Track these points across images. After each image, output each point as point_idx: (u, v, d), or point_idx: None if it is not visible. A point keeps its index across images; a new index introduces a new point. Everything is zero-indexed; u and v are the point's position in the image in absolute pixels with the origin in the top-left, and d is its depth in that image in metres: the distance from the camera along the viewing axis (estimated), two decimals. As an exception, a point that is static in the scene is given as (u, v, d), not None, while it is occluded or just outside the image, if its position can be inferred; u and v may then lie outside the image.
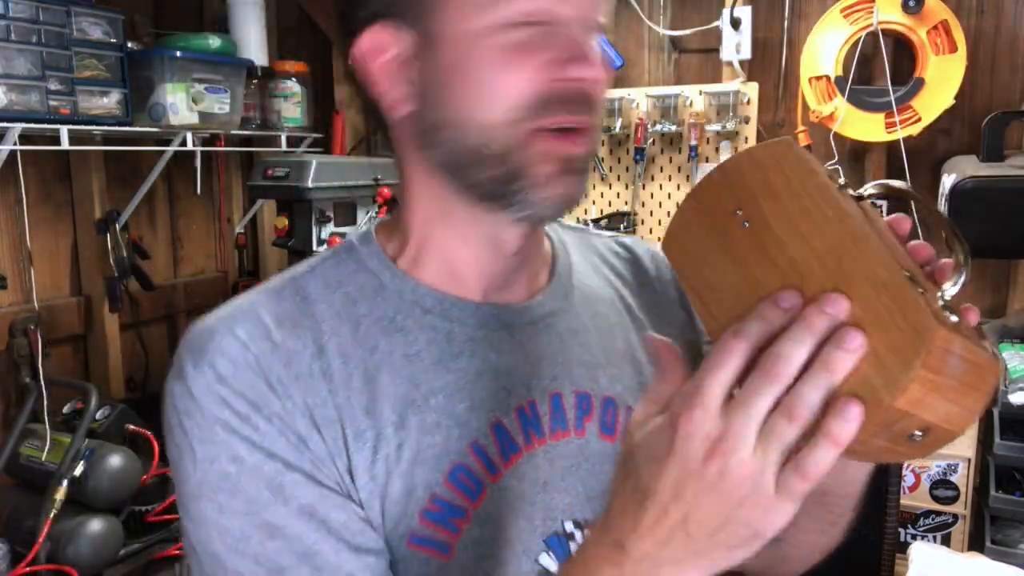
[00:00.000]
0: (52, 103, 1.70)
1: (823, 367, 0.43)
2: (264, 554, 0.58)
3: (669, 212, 2.24)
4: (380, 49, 0.60)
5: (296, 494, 0.58)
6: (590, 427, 0.68)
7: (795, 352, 0.43)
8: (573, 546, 0.65)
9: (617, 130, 2.23)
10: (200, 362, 0.59)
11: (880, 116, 1.93)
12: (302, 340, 0.61)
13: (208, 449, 0.58)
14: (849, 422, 0.42)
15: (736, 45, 2.10)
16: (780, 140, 0.50)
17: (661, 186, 2.25)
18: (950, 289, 0.46)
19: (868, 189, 0.51)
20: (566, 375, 0.68)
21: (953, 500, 1.85)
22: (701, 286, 0.51)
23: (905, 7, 1.87)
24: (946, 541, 1.86)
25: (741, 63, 2.12)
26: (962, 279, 0.46)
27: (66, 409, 1.88)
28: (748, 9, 2.09)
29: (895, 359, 0.42)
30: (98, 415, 1.81)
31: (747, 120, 2.13)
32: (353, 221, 2.17)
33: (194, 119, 2.00)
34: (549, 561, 0.64)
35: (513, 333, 0.66)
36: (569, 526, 0.66)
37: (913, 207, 0.64)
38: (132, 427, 1.84)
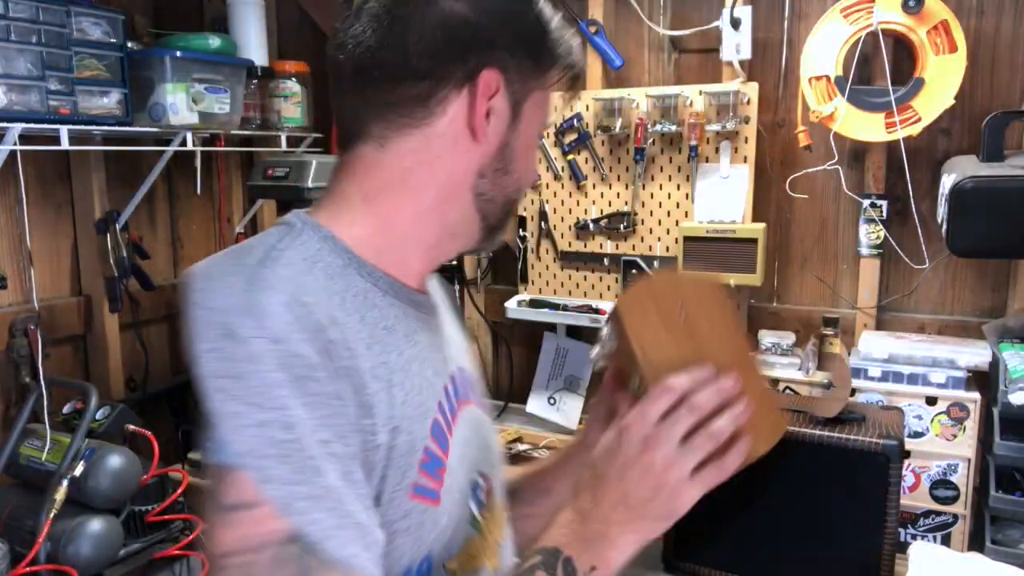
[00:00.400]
0: (52, 103, 1.70)
1: (730, 414, 0.72)
2: (303, 528, 0.58)
3: (669, 212, 2.24)
4: (491, 89, 0.72)
5: (337, 465, 0.60)
6: (472, 396, 0.86)
7: (709, 401, 0.72)
8: (480, 492, 0.82)
9: (617, 130, 2.23)
10: (250, 324, 0.60)
11: (880, 116, 1.93)
12: (320, 309, 0.63)
13: (258, 414, 0.58)
14: (745, 447, 0.72)
15: (736, 45, 2.10)
16: (715, 279, 0.82)
17: (661, 186, 2.25)
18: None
19: None
20: (457, 354, 0.86)
21: (953, 500, 1.85)
22: (644, 339, 0.76)
23: (905, 7, 1.87)
24: (946, 541, 1.86)
25: (741, 63, 2.11)
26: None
27: (66, 409, 1.88)
28: (748, 9, 2.09)
29: (766, 428, 0.76)
30: (98, 415, 1.82)
31: (747, 120, 2.12)
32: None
33: (194, 119, 2.00)
34: (471, 504, 0.80)
35: (433, 316, 0.82)
36: (476, 476, 0.82)
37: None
38: (132, 427, 1.85)
